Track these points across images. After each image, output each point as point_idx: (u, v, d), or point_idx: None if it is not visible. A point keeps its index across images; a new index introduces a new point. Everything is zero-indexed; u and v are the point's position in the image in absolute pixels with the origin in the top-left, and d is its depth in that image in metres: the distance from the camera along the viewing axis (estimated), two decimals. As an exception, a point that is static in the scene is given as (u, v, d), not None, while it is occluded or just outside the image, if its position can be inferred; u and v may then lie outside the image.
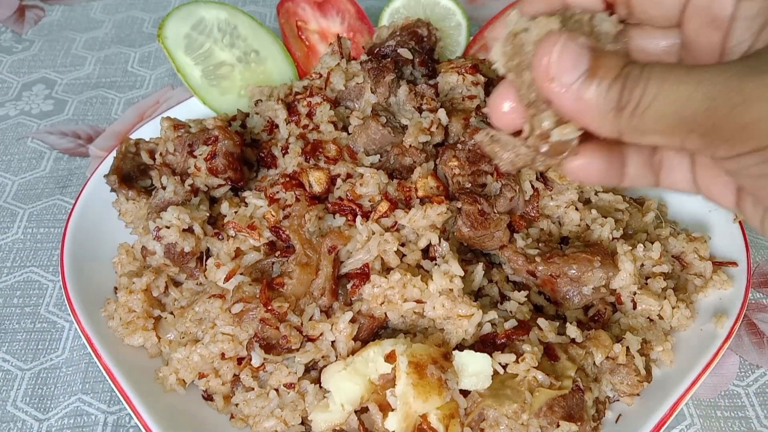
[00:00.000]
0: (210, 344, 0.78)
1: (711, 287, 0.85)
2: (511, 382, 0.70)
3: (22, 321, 0.94)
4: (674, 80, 0.45)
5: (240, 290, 0.78)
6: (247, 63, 1.13)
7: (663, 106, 0.45)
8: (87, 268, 0.90)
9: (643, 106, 0.46)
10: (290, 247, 0.81)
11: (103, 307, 0.86)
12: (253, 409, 0.76)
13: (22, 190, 1.13)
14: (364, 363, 0.72)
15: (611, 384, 0.76)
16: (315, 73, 1.05)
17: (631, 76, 0.46)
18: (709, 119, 0.44)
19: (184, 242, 0.83)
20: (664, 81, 0.45)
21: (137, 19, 1.55)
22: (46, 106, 1.31)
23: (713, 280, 0.85)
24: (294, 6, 1.21)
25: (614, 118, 0.47)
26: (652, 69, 0.46)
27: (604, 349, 0.75)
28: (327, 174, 0.87)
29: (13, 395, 0.86)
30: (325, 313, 0.77)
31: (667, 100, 0.45)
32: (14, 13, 1.57)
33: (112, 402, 0.85)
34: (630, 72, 0.47)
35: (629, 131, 0.48)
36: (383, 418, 0.70)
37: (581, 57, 0.48)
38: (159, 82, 1.37)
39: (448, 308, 0.74)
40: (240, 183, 0.92)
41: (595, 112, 0.48)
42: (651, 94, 0.45)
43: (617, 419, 0.75)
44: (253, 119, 1.03)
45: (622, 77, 0.47)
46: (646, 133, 0.47)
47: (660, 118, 0.45)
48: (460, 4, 1.20)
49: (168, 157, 0.92)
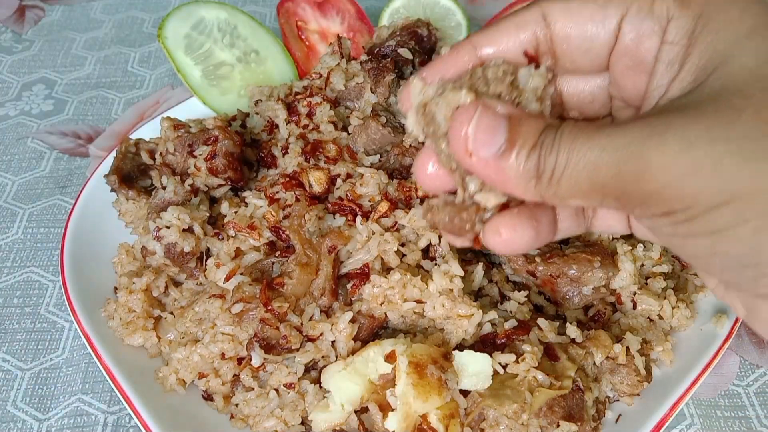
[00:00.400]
0: (210, 344, 0.78)
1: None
2: (511, 382, 0.70)
3: (22, 321, 0.94)
4: (581, 146, 0.44)
5: (240, 290, 0.78)
6: (247, 63, 1.13)
7: (574, 173, 0.45)
8: (87, 268, 0.90)
9: (558, 174, 0.45)
10: (290, 247, 0.81)
11: (103, 307, 0.86)
12: (253, 409, 0.76)
13: (22, 190, 1.13)
14: (364, 363, 0.72)
15: (611, 384, 0.76)
16: (315, 73, 1.05)
17: (545, 144, 0.46)
18: (619, 186, 0.43)
19: (184, 242, 0.83)
20: (572, 148, 0.44)
21: (137, 19, 1.55)
22: (46, 106, 1.31)
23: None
24: (294, 6, 1.21)
25: (535, 187, 0.47)
26: (563, 134, 0.45)
27: (604, 349, 0.75)
28: (327, 174, 0.87)
29: (13, 395, 0.86)
30: (325, 313, 0.77)
31: (578, 167, 0.44)
32: (14, 13, 1.57)
33: (112, 402, 0.85)
34: (545, 139, 0.46)
35: (550, 197, 0.47)
36: (383, 418, 0.70)
37: (498, 129, 0.47)
38: (159, 82, 1.37)
39: (448, 308, 0.74)
40: (240, 183, 0.92)
41: (516, 182, 0.47)
42: (563, 161, 0.45)
43: (617, 419, 0.75)
44: (253, 119, 1.03)
45: (538, 146, 0.46)
46: (566, 198, 0.47)
47: (574, 184, 0.45)
48: (460, 4, 1.20)
49: (168, 157, 0.92)
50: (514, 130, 0.47)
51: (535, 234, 0.53)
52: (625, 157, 0.42)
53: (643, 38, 0.49)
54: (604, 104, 0.58)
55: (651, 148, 0.41)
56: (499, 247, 0.53)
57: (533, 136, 0.46)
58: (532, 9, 0.52)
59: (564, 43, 0.52)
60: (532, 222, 0.53)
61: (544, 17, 0.52)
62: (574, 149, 0.44)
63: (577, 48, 0.52)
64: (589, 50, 0.52)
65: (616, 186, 0.43)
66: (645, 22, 0.49)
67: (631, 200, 0.44)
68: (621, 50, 0.51)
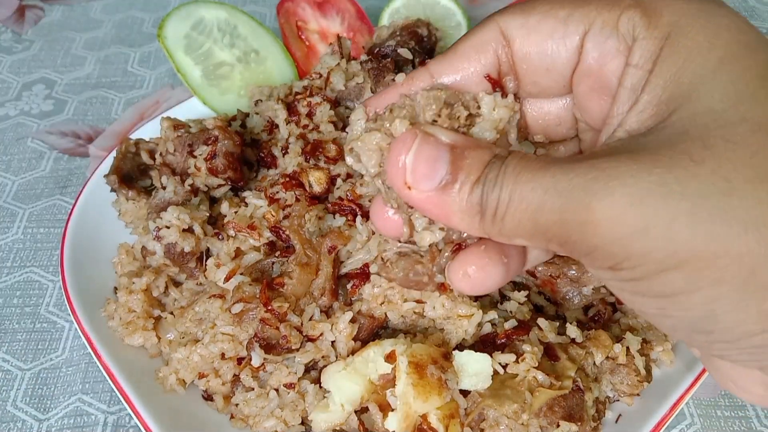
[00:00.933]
0: (210, 344, 0.78)
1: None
2: (511, 382, 0.70)
3: (22, 321, 0.94)
4: (524, 184, 0.40)
5: (240, 290, 0.78)
6: (247, 63, 1.13)
7: (517, 213, 0.41)
8: (87, 268, 0.90)
9: (501, 211, 0.42)
10: (290, 247, 0.81)
11: (103, 308, 0.86)
12: (253, 409, 0.76)
13: (22, 190, 1.13)
14: (364, 363, 0.72)
15: (611, 384, 0.76)
16: (315, 73, 1.05)
17: (489, 179, 0.42)
18: (562, 233, 0.39)
19: (184, 242, 0.83)
20: (515, 186, 0.41)
21: (137, 19, 1.55)
22: (46, 106, 1.31)
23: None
24: (294, 6, 1.21)
25: (479, 223, 0.43)
26: (507, 168, 0.41)
27: (604, 349, 0.75)
28: (327, 174, 0.87)
29: (13, 395, 0.86)
30: (325, 313, 0.77)
31: (521, 207, 0.40)
32: (14, 13, 1.57)
33: (112, 402, 0.85)
34: (489, 173, 0.42)
35: (495, 235, 0.44)
36: (383, 418, 0.70)
37: (439, 161, 0.43)
38: (159, 82, 1.37)
39: (448, 308, 0.74)
40: (240, 183, 0.92)
41: (459, 216, 0.44)
42: (505, 198, 0.41)
43: (617, 419, 0.75)
44: (253, 119, 1.03)
45: (482, 180, 0.42)
46: (511, 237, 0.43)
47: (518, 224, 0.41)
48: (460, 3, 1.20)
49: (168, 157, 0.92)
50: (457, 162, 0.43)
51: (505, 270, 0.49)
52: (568, 204, 0.38)
53: (607, 58, 0.45)
54: (572, 126, 0.54)
55: (596, 198, 0.37)
56: (468, 288, 0.49)
57: (477, 169, 0.43)
58: (489, 27, 0.48)
59: (524, 62, 0.48)
60: (501, 257, 0.49)
61: (503, 34, 0.47)
62: (517, 187, 0.41)
63: (537, 67, 0.48)
64: (550, 70, 0.48)
65: (559, 232, 0.40)
66: (609, 40, 0.44)
67: (575, 249, 0.40)
68: (584, 70, 0.47)
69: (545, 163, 0.41)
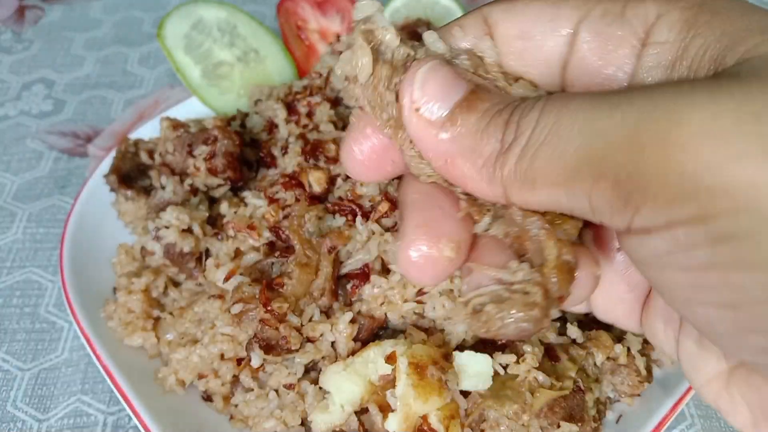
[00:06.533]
0: (209, 345, 0.78)
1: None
2: (511, 382, 0.70)
3: (22, 321, 0.94)
4: (579, 104, 0.30)
5: (239, 291, 0.77)
6: (246, 62, 1.13)
7: (562, 140, 0.30)
8: (86, 268, 0.90)
9: (535, 142, 0.31)
10: (290, 248, 0.81)
11: (103, 308, 0.85)
12: (253, 409, 0.75)
13: (22, 190, 1.13)
14: (364, 364, 0.71)
15: (612, 384, 0.76)
16: (315, 73, 1.05)
17: (520, 107, 0.33)
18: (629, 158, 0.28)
19: (183, 242, 0.83)
20: (564, 107, 0.31)
21: (137, 18, 1.55)
22: (45, 106, 1.31)
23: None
24: (294, 5, 1.21)
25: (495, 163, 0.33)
26: (550, 97, 0.32)
27: (605, 349, 0.75)
28: (327, 174, 0.86)
29: (12, 395, 0.86)
30: (325, 313, 0.77)
31: (569, 131, 0.30)
32: (14, 13, 1.56)
33: (111, 402, 0.84)
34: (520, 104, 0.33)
35: (516, 183, 0.33)
36: (383, 419, 0.70)
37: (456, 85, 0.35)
38: (158, 81, 1.36)
39: (448, 308, 0.74)
40: (239, 183, 0.92)
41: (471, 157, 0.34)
42: (546, 124, 0.31)
43: (618, 420, 0.75)
44: (253, 119, 1.02)
45: (508, 109, 0.33)
46: (537, 184, 0.32)
47: (557, 157, 0.30)
48: (461, 3, 1.20)
49: (167, 157, 0.92)
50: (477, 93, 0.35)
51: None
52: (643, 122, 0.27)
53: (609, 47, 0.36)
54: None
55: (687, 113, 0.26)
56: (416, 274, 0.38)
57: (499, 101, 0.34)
58: (472, 14, 0.41)
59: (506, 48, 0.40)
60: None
61: (485, 21, 0.40)
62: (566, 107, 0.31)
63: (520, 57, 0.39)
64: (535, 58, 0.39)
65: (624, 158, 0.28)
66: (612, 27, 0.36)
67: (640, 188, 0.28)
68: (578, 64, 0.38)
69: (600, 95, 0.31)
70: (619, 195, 0.29)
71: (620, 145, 0.28)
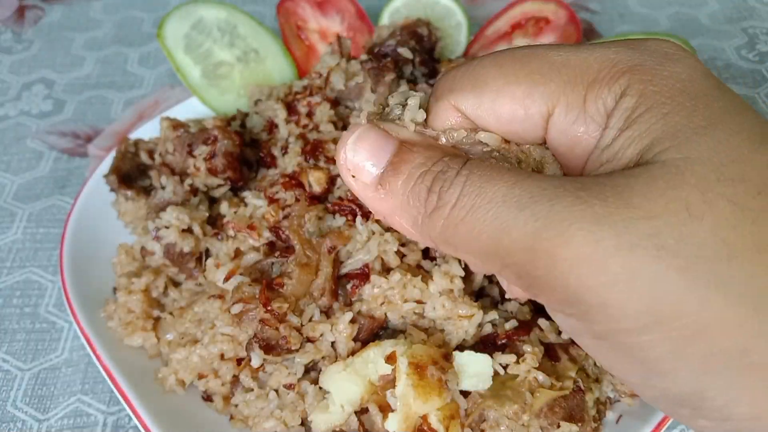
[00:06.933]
0: (209, 345, 0.78)
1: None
2: (511, 382, 0.70)
3: (22, 321, 0.94)
4: (494, 191, 0.34)
5: (239, 291, 0.77)
6: (246, 62, 1.13)
7: (478, 223, 0.35)
8: (86, 268, 0.90)
9: (455, 218, 0.36)
10: (290, 248, 0.81)
11: (103, 308, 0.85)
12: (253, 409, 0.75)
13: (22, 190, 1.13)
14: (364, 364, 0.71)
15: (612, 384, 0.76)
16: (315, 73, 1.05)
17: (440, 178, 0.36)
18: (527, 262, 0.34)
19: (183, 242, 0.83)
20: (483, 188, 0.35)
21: (137, 18, 1.55)
22: (45, 106, 1.31)
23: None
24: (294, 5, 1.21)
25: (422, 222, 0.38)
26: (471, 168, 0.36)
27: (605, 349, 0.75)
28: (327, 174, 0.86)
29: (12, 395, 0.86)
30: (325, 313, 0.77)
31: (483, 219, 0.34)
32: (14, 13, 1.56)
33: (111, 403, 0.84)
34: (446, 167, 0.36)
35: (440, 243, 0.38)
36: (383, 419, 0.70)
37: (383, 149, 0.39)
38: (158, 81, 1.36)
39: (448, 309, 0.74)
40: (239, 183, 0.92)
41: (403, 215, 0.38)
42: (465, 205, 0.35)
43: (618, 420, 0.75)
44: (253, 119, 1.02)
45: (429, 176, 0.37)
46: (460, 249, 0.37)
47: (474, 237, 0.35)
48: (461, 3, 1.20)
49: (167, 157, 0.92)
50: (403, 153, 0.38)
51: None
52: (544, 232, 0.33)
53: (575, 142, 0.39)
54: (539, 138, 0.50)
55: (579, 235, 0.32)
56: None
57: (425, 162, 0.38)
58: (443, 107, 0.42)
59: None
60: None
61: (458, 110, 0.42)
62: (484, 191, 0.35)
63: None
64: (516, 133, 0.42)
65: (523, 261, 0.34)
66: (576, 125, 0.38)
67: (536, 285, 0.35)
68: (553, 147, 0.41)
69: (521, 175, 0.35)
70: (521, 283, 0.36)
71: (521, 247, 0.33)
